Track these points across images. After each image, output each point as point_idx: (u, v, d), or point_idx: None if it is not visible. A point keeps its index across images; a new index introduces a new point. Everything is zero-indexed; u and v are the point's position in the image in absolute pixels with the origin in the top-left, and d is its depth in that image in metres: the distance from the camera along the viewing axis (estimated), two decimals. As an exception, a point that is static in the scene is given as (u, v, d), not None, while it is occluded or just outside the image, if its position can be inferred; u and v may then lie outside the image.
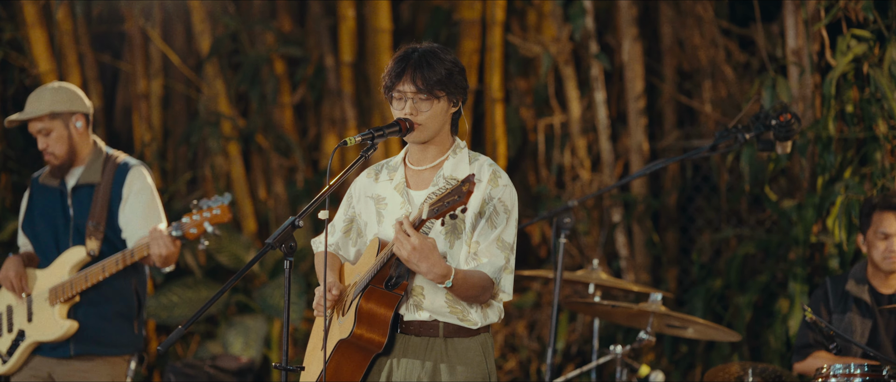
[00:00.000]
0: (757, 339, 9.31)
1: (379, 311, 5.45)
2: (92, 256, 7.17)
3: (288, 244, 5.26)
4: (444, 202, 5.14)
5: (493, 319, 5.58)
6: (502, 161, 10.38)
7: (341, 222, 5.81)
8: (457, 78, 5.51)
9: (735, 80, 9.91)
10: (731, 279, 9.14)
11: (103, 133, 10.73)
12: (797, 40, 8.85)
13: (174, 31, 10.84)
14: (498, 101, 10.38)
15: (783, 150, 7.31)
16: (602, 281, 7.64)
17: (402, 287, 5.47)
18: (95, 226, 7.18)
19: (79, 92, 7.31)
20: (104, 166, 7.30)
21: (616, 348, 7.47)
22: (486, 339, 5.58)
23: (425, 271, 5.29)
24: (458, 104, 5.58)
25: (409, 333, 5.52)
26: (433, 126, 5.51)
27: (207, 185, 10.86)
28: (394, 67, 5.51)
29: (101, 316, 7.21)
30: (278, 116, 10.66)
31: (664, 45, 10.22)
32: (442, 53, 5.51)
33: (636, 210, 9.88)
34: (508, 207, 5.52)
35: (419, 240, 5.24)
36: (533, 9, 10.50)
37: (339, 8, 10.38)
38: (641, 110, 9.90)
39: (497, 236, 5.47)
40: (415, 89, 5.45)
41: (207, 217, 6.97)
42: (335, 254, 5.84)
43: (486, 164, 5.60)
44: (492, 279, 5.45)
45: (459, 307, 5.49)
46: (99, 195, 7.23)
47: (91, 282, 7.08)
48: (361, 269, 5.60)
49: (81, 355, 7.20)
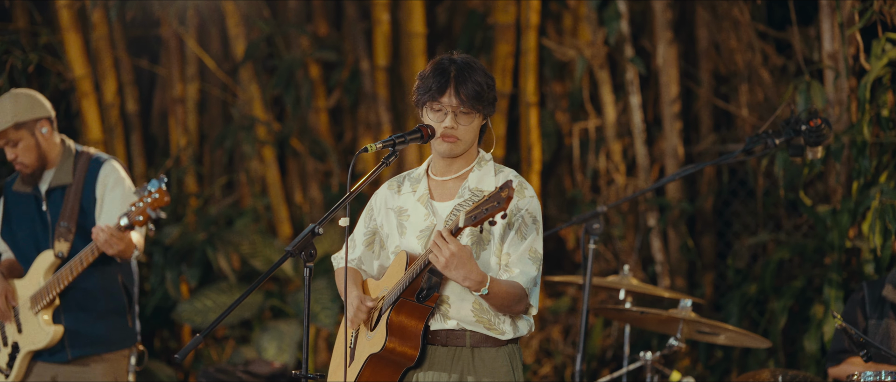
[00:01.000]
0: (793, 345, 9.24)
1: (410, 324, 5.44)
2: (60, 257, 7.16)
3: (308, 251, 5.26)
4: (483, 209, 5.13)
5: (523, 331, 5.57)
6: (537, 165, 10.35)
7: (362, 235, 5.80)
8: (490, 93, 5.53)
9: (772, 83, 9.82)
10: (765, 284, 9.06)
11: (140, 137, 10.77)
12: (833, 44, 8.76)
13: (210, 35, 10.86)
14: (532, 105, 10.34)
15: (813, 155, 7.25)
16: (633, 287, 7.58)
17: (433, 300, 5.47)
18: (66, 227, 7.17)
19: (38, 96, 7.25)
20: (75, 164, 7.27)
21: (646, 354, 7.43)
22: (514, 351, 5.57)
23: (462, 278, 5.28)
24: (486, 118, 5.57)
25: (435, 343, 5.51)
26: (469, 139, 5.53)
27: (243, 189, 10.87)
28: (435, 80, 5.48)
29: (93, 316, 7.23)
30: (313, 121, 10.66)
31: (700, 49, 10.15)
32: (477, 66, 5.52)
33: (671, 215, 9.82)
34: (536, 217, 5.54)
35: (457, 247, 5.24)
36: (568, 12, 10.46)
37: (373, 12, 10.37)
38: (676, 114, 9.84)
39: (528, 246, 5.48)
40: (458, 103, 5.45)
41: (148, 203, 6.88)
42: (357, 269, 5.83)
43: (512, 175, 5.61)
44: (525, 289, 5.44)
45: (486, 317, 5.48)
46: (70, 195, 7.21)
47: (64, 284, 7.07)
48: (388, 283, 5.59)
49: (79, 357, 7.22)
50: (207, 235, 10.02)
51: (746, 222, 10.01)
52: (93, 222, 7.22)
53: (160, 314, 10.11)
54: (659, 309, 7.32)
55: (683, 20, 10.32)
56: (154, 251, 10.03)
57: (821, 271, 8.93)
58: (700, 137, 10.22)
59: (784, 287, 9.04)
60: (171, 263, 9.95)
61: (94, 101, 10.26)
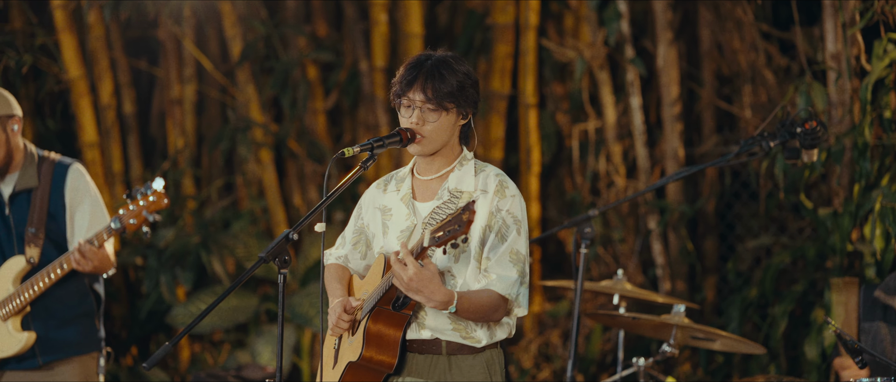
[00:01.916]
0: (795, 350, 9.12)
1: (387, 332, 5.37)
2: (32, 263, 7.06)
3: (282, 257, 5.17)
4: (445, 231, 5.06)
5: (500, 336, 5.47)
6: (536, 167, 10.26)
7: (351, 234, 5.74)
8: (469, 91, 5.40)
9: (775, 84, 9.69)
10: (765, 288, 8.95)
11: (137, 139, 10.70)
12: (836, 44, 8.64)
13: (209, 36, 10.78)
14: (531, 106, 10.24)
15: (809, 158, 7.11)
16: (627, 292, 7.47)
17: (411, 307, 5.40)
18: (35, 233, 7.07)
19: (9, 95, 7.17)
20: (39, 169, 7.17)
21: (639, 360, 7.32)
22: (493, 356, 5.47)
23: (425, 299, 5.19)
24: (467, 117, 5.46)
25: (412, 351, 5.43)
26: (438, 139, 5.41)
27: (240, 192, 10.80)
28: (405, 74, 5.43)
29: (63, 321, 7.13)
30: (311, 122, 10.57)
31: (703, 50, 10.04)
32: (456, 64, 5.40)
33: (671, 217, 9.70)
34: (518, 218, 5.40)
35: (415, 270, 5.14)
36: (570, 12, 10.35)
37: (371, 12, 10.27)
38: (677, 116, 9.72)
39: (508, 248, 5.36)
40: (424, 99, 5.35)
41: (144, 206, 6.82)
42: (344, 267, 5.76)
43: (493, 174, 5.48)
44: (503, 295, 5.33)
45: (463, 324, 5.39)
46: (37, 200, 7.11)
47: (38, 292, 6.99)
48: (369, 285, 5.52)
49: (51, 362, 7.13)
50: (202, 238, 9.93)
51: (750, 225, 9.89)
52: (62, 228, 7.14)
53: (154, 318, 10.04)
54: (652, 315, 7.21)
55: (686, 21, 10.20)
56: (148, 254, 9.96)
57: (823, 275, 8.80)
58: (702, 138, 10.10)
59: (784, 292, 8.93)
60: (165, 266, 9.88)
61: (89, 102, 10.18)
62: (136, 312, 10.15)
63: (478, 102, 5.47)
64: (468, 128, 5.51)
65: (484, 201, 5.37)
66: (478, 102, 5.47)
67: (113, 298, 10.18)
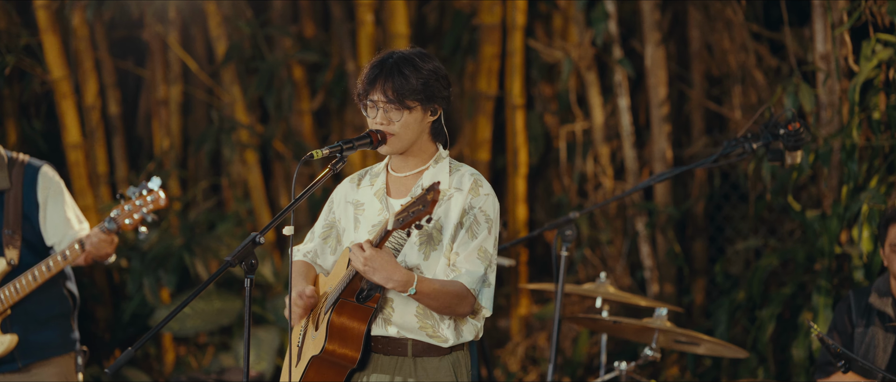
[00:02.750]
0: (784, 353, 9.04)
1: (351, 325, 5.28)
2: (12, 265, 6.96)
3: (248, 261, 5.09)
4: (409, 213, 4.97)
5: (467, 336, 5.39)
6: (523, 169, 10.18)
7: (321, 227, 5.66)
8: (434, 87, 5.32)
9: (766, 85, 9.61)
10: (753, 291, 8.87)
11: (122, 140, 10.62)
12: (826, 45, 8.55)
13: (195, 36, 10.69)
14: (518, 107, 10.16)
15: (793, 160, 7.03)
16: (609, 295, 7.38)
17: (375, 300, 5.30)
18: (11, 235, 7.00)
19: None
20: (10, 170, 7.09)
21: (621, 364, 7.24)
22: (459, 358, 5.39)
23: (384, 279, 5.11)
24: (437, 113, 5.38)
25: (377, 351, 5.35)
26: (406, 137, 5.33)
27: (227, 193, 10.72)
28: (367, 74, 5.37)
29: (41, 323, 7.04)
30: (297, 123, 10.48)
31: (693, 50, 9.95)
32: (420, 61, 5.33)
33: (658, 219, 9.61)
34: (489, 216, 5.33)
35: (371, 251, 5.08)
36: (559, 13, 10.26)
37: (357, 12, 10.19)
38: (665, 117, 9.62)
39: (477, 245, 5.29)
40: (385, 99, 5.28)
41: (141, 205, 6.76)
42: (310, 263, 5.67)
43: (468, 173, 5.41)
44: (470, 289, 5.25)
45: (430, 323, 5.31)
46: (10, 202, 7.03)
47: (23, 293, 6.91)
48: (335, 280, 5.43)
49: (30, 364, 7.04)
50: (186, 240, 9.85)
51: (740, 227, 9.81)
52: (37, 229, 7.04)
53: (138, 321, 9.97)
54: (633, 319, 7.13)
55: (676, 21, 10.12)
56: (132, 256, 9.88)
57: (812, 277, 8.72)
58: (692, 140, 10.02)
59: (772, 294, 8.84)
60: (148, 268, 9.80)
61: (72, 103, 10.09)
62: (119, 314, 10.07)
63: (448, 97, 5.39)
64: (439, 125, 5.43)
65: (458, 198, 5.31)
66: (448, 97, 5.39)
67: (96, 300, 10.11)
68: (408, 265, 5.31)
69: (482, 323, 5.44)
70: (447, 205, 5.32)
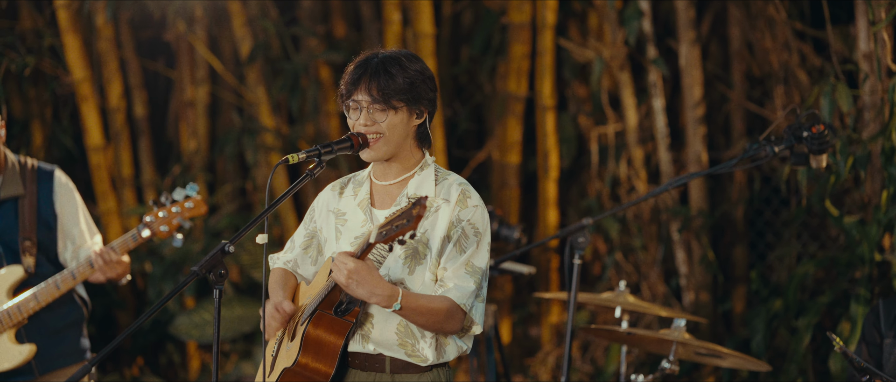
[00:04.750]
0: (824, 364, 8.70)
1: (328, 339, 5.06)
2: (29, 272, 6.83)
3: (217, 271, 4.87)
4: (393, 226, 4.76)
5: (450, 355, 5.17)
6: (554, 172, 9.90)
7: (301, 237, 5.48)
8: (420, 88, 5.10)
9: (809, 85, 9.26)
10: (789, 300, 8.53)
11: (148, 142, 10.45)
12: (868, 43, 8.20)
13: (223, 37, 10.51)
14: (549, 108, 9.88)
15: (818, 164, 6.73)
16: (629, 305, 7.09)
17: (354, 314, 5.08)
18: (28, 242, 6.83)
19: None
20: (22, 175, 6.91)
21: (638, 377, 6.96)
22: (440, 375, 5.16)
23: (367, 294, 4.91)
24: (422, 116, 5.14)
25: (355, 367, 5.14)
26: (392, 139, 5.12)
27: (254, 197, 10.52)
28: (350, 74, 5.15)
29: (56, 332, 6.92)
30: (324, 125, 10.25)
31: (733, 49, 9.62)
32: (406, 61, 5.12)
33: (692, 225, 9.28)
34: (479, 229, 5.11)
35: (354, 264, 4.86)
36: (594, 11, 9.96)
37: (384, 11, 9.94)
38: (700, 119, 9.30)
39: (466, 260, 5.07)
40: (370, 99, 5.06)
41: (179, 213, 6.61)
42: (290, 272, 5.49)
43: (455, 183, 5.18)
44: (459, 304, 5.02)
45: (410, 341, 5.09)
46: (26, 209, 6.86)
47: (43, 302, 6.78)
48: (314, 291, 5.23)
49: (46, 373, 6.92)
50: (206, 245, 9.67)
51: (782, 232, 9.47)
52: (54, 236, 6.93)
53: (159, 327, 9.82)
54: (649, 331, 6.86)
55: (717, 20, 9.80)
56: (153, 262, 9.72)
57: (851, 285, 8.37)
58: (732, 142, 9.69)
59: (809, 303, 8.51)
60: (168, 274, 9.62)
61: (94, 105, 9.93)
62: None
63: (434, 100, 5.19)
64: (425, 129, 5.19)
65: (445, 210, 5.10)
66: (434, 100, 5.19)
67: (119, 306, 9.98)
68: (391, 279, 5.10)
69: (472, 341, 5.22)
70: (434, 217, 5.11)
